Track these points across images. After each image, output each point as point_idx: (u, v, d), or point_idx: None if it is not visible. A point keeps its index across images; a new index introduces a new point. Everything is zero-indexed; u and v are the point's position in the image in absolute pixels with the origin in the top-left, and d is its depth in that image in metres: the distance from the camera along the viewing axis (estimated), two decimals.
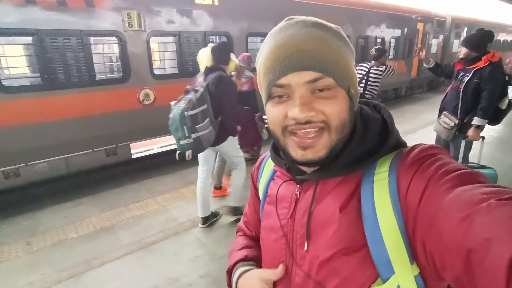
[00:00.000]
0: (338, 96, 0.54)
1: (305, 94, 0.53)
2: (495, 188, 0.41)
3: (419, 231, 0.47)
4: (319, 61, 0.52)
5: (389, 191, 0.52)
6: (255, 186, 0.83)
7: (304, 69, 0.52)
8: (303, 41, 0.52)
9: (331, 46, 0.53)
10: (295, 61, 0.52)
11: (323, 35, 0.54)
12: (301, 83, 0.53)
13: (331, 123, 0.54)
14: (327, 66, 0.52)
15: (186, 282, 2.48)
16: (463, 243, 0.38)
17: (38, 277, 2.57)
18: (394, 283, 0.51)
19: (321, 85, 0.53)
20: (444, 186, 0.45)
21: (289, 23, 0.55)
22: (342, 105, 0.55)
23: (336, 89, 0.54)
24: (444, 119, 3.19)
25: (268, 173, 0.76)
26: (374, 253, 0.52)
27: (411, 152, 0.54)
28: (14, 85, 3.75)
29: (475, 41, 2.98)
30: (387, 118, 0.62)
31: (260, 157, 0.83)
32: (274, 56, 0.53)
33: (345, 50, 0.56)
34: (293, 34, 0.53)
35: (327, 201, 0.59)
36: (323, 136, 0.55)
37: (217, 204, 3.64)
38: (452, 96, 3.18)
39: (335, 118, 0.54)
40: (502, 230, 0.35)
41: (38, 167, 4.05)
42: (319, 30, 0.54)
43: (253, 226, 0.87)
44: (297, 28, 0.54)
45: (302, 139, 0.55)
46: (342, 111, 0.55)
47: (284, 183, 0.68)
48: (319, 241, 0.58)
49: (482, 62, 2.92)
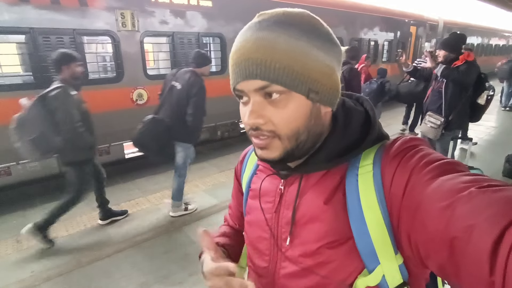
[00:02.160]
0: (290, 104, 0.53)
1: (257, 100, 0.53)
2: (475, 177, 0.43)
3: (404, 222, 0.48)
4: (264, 69, 0.50)
5: (373, 184, 0.53)
6: (238, 181, 0.83)
7: (250, 77, 0.51)
8: (251, 48, 0.51)
9: (283, 51, 0.50)
10: (242, 69, 0.52)
11: (275, 38, 0.50)
12: (251, 90, 0.53)
13: (280, 132, 0.54)
14: (273, 73, 0.50)
15: (176, 279, 2.50)
16: (447, 231, 0.39)
17: (28, 274, 2.58)
18: (380, 273, 0.53)
19: (269, 91, 0.52)
20: (426, 176, 0.46)
21: (251, 24, 0.55)
22: (294, 113, 0.53)
23: (289, 95, 0.52)
24: (430, 119, 3.29)
25: (252, 167, 0.76)
26: (360, 245, 0.53)
27: (394, 144, 0.55)
28: (6, 83, 3.75)
29: (452, 43, 3.17)
30: (369, 110, 0.62)
31: (243, 152, 0.83)
32: (232, 61, 0.54)
33: (307, 49, 0.51)
34: (246, 40, 0.52)
35: (312, 195, 0.59)
36: (273, 141, 0.55)
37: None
38: (434, 97, 3.31)
39: (283, 128, 0.53)
40: (483, 217, 0.36)
41: (29, 165, 4.03)
42: (273, 32, 0.51)
43: (236, 218, 0.88)
44: (252, 31, 0.53)
45: (257, 140, 0.56)
46: (293, 119, 0.53)
47: (267, 177, 0.68)
48: (305, 234, 0.59)
49: (459, 62, 3.10)
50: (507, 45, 19.31)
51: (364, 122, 0.61)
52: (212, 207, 3.59)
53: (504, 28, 18.90)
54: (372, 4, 8.64)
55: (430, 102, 3.34)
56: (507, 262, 0.33)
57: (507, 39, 19.68)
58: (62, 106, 2.64)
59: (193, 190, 4.03)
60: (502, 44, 18.37)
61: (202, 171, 4.71)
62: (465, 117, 3.31)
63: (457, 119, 3.20)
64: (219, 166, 4.84)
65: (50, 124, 2.63)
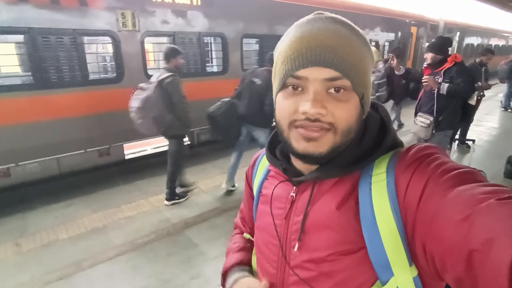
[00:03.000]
0: (351, 101, 0.53)
1: (320, 91, 0.52)
2: (494, 187, 0.41)
3: (419, 232, 0.47)
4: (342, 61, 0.50)
5: (387, 192, 0.52)
6: (249, 185, 0.82)
7: (325, 65, 0.50)
8: (329, 37, 0.51)
9: (356, 48, 0.52)
10: (317, 55, 0.50)
11: (350, 35, 0.53)
12: (318, 79, 0.52)
13: (338, 126, 0.53)
14: (348, 67, 0.51)
15: (177, 283, 2.47)
16: (465, 244, 0.38)
17: (28, 278, 2.54)
18: (393, 285, 0.51)
19: (338, 85, 0.52)
20: (443, 185, 0.45)
21: (318, 17, 0.54)
22: (353, 111, 0.54)
23: (351, 93, 0.53)
24: (420, 119, 3.41)
25: (262, 172, 0.75)
26: (373, 255, 0.51)
27: (409, 152, 0.53)
28: (5, 84, 3.71)
29: (439, 45, 3.27)
30: (384, 117, 0.61)
31: (254, 156, 0.82)
32: (297, 46, 0.52)
33: (367, 56, 0.55)
34: (320, 28, 0.52)
35: (323, 202, 0.58)
36: (328, 134, 0.54)
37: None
38: (426, 98, 3.38)
39: (342, 122, 0.53)
40: (503, 230, 0.35)
41: (29, 167, 3.99)
42: (347, 29, 0.53)
43: (249, 222, 0.87)
44: (326, 23, 0.53)
45: (307, 131, 0.54)
46: (351, 116, 0.54)
47: (280, 183, 0.67)
48: (315, 242, 0.58)
49: (448, 63, 3.20)
50: (507, 45, 19.35)
51: (379, 129, 0.60)
52: (213, 210, 3.55)
53: (504, 28, 18.95)
54: (373, 4, 8.63)
55: (423, 104, 3.42)
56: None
57: (507, 39, 19.72)
58: (176, 90, 3.32)
59: (194, 192, 4.00)
60: (502, 45, 18.40)
61: (203, 172, 4.68)
62: (456, 117, 3.37)
63: (448, 119, 3.26)
64: (220, 168, 4.80)
65: (166, 105, 3.30)
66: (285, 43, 0.55)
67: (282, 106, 0.56)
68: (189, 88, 4.91)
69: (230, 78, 5.27)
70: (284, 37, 0.57)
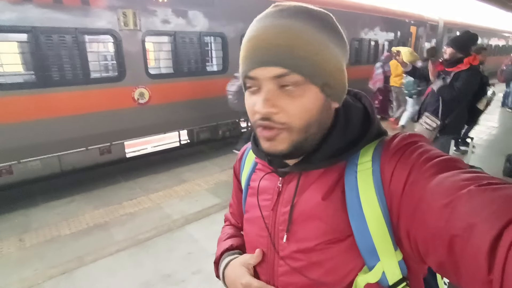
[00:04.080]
0: (306, 94, 0.52)
1: (271, 89, 0.52)
2: (475, 174, 0.43)
3: (403, 219, 0.48)
4: (286, 57, 0.50)
5: (373, 181, 0.53)
6: (238, 179, 0.82)
7: (269, 64, 0.50)
8: (273, 34, 0.50)
9: (306, 40, 0.51)
10: (261, 55, 0.51)
11: (300, 27, 0.51)
12: (267, 78, 0.52)
13: (292, 124, 0.53)
14: (295, 62, 0.50)
15: (178, 278, 2.51)
16: (446, 230, 0.39)
17: (31, 273, 2.58)
18: (380, 270, 0.53)
19: (287, 82, 0.51)
20: (426, 173, 0.46)
21: (269, 12, 0.54)
22: (309, 104, 0.53)
23: (305, 86, 0.52)
24: (426, 120, 3.17)
25: (250, 165, 0.75)
26: (360, 242, 0.53)
27: (393, 141, 0.54)
28: (7, 82, 3.75)
29: (462, 42, 2.99)
30: (368, 107, 0.62)
31: (242, 149, 0.82)
32: (247, 47, 0.53)
33: (326, 42, 0.53)
34: (266, 27, 0.51)
35: (310, 192, 0.59)
36: (282, 133, 0.54)
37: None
38: (432, 98, 3.18)
39: (296, 119, 0.53)
40: (483, 216, 0.37)
41: (31, 164, 4.04)
42: (297, 21, 0.51)
43: (238, 216, 0.87)
44: (273, 18, 0.52)
45: (263, 131, 0.55)
46: (307, 110, 0.53)
47: (266, 175, 0.68)
48: (303, 232, 0.58)
49: (463, 65, 2.91)
50: (507, 45, 19.35)
51: (363, 119, 0.60)
52: (214, 206, 3.59)
53: (504, 28, 18.95)
54: (373, 4, 8.65)
55: (429, 103, 3.23)
56: (505, 261, 0.33)
57: (507, 39, 19.73)
58: None
59: (195, 189, 4.04)
60: (502, 45, 18.41)
61: (204, 170, 4.72)
62: (462, 121, 3.20)
63: (454, 123, 3.09)
64: (220, 165, 4.84)
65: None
66: (243, 42, 0.55)
67: (247, 105, 0.57)
68: (190, 87, 4.99)
69: (230, 77, 5.31)
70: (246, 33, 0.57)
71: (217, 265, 0.79)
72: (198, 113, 5.16)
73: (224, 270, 0.74)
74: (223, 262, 0.76)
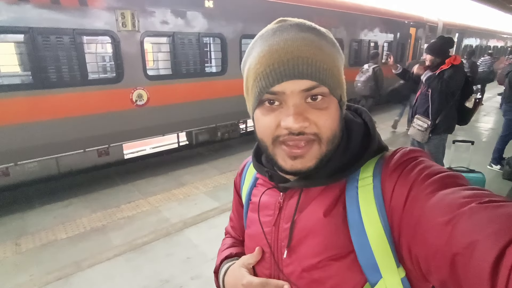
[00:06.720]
0: (331, 106, 0.53)
1: (299, 103, 0.51)
2: (475, 191, 0.42)
3: (404, 236, 0.48)
4: (316, 69, 0.50)
5: (374, 197, 0.52)
6: (238, 193, 0.82)
7: (300, 77, 0.50)
8: (299, 47, 0.50)
9: (327, 53, 0.52)
10: (291, 68, 0.49)
11: (319, 41, 0.52)
12: (296, 92, 0.50)
13: (322, 135, 0.53)
14: (322, 74, 0.50)
15: (177, 283, 2.48)
16: (448, 248, 0.39)
17: (27, 278, 2.54)
18: (382, 286, 0.52)
19: (315, 93, 0.51)
20: (427, 190, 0.46)
21: (283, 26, 0.53)
22: (334, 116, 0.54)
23: (329, 99, 0.53)
24: (417, 122, 3.32)
25: (250, 180, 0.75)
26: (361, 259, 0.52)
27: (394, 156, 0.54)
28: (4, 83, 3.71)
29: (438, 48, 3.17)
30: (368, 122, 0.61)
31: (242, 164, 0.81)
32: (268, 61, 0.51)
33: (338, 57, 0.55)
34: (288, 39, 0.51)
35: (311, 209, 0.58)
36: (313, 147, 0.53)
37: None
38: (422, 100, 3.32)
39: (327, 130, 0.53)
40: (484, 234, 0.36)
41: (28, 166, 3.99)
42: (315, 35, 0.52)
43: (239, 230, 0.86)
44: (293, 32, 0.51)
45: (292, 149, 0.53)
46: (334, 122, 0.53)
47: (267, 190, 0.67)
48: (305, 248, 0.58)
49: (445, 66, 3.10)
50: (505, 46, 19.43)
51: (364, 134, 0.60)
52: (213, 210, 3.55)
53: (502, 29, 19.03)
54: (372, 5, 8.65)
55: (419, 105, 3.37)
56: (507, 282, 0.32)
57: (506, 40, 19.80)
58: (380, 75, 6.02)
59: (194, 192, 4.00)
60: (500, 46, 18.48)
61: (202, 173, 4.69)
62: (452, 120, 3.30)
63: (444, 122, 3.20)
64: (219, 168, 4.81)
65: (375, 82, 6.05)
66: (253, 59, 0.54)
67: (263, 123, 0.55)
68: (188, 89, 4.96)
69: (229, 78, 5.28)
70: (250, 51, 0.56)
71: (216, 275, 0.78)
72: (197, 115, 5.14)
73: (224, 276, 0.73)
74: (222, 269, 0.75)
